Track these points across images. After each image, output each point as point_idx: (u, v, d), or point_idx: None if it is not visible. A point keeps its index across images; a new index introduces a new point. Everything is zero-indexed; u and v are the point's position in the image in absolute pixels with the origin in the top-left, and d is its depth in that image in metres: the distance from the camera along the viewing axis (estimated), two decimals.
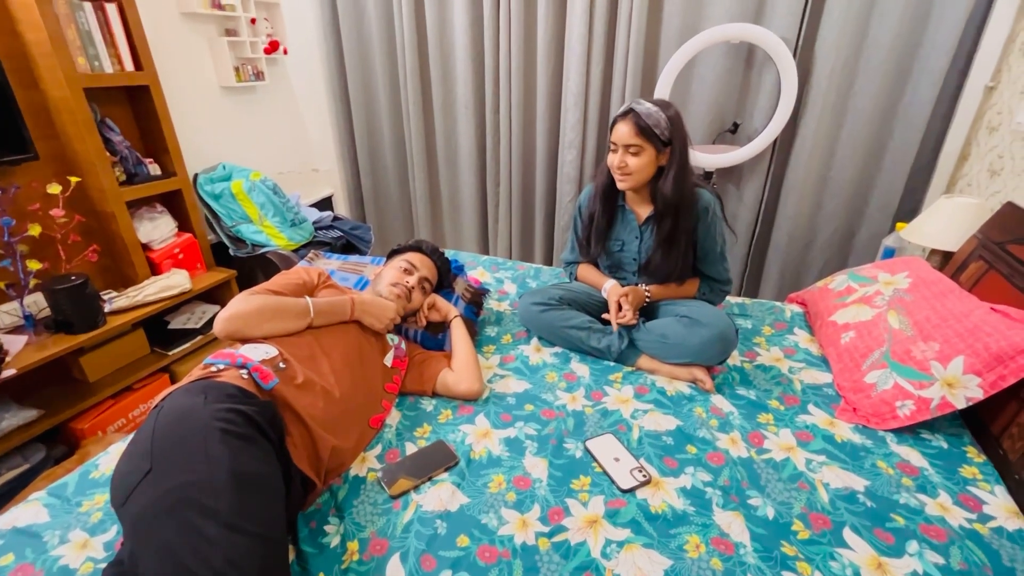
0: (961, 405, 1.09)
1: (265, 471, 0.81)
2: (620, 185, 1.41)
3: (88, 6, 1.69)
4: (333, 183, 3.13)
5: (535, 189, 2.74)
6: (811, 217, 2.34)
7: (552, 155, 2.63)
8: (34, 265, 1.63)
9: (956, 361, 1.10)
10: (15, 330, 1.65)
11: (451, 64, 2.63)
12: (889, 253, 1.98)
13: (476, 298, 1.61)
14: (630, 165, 1.36)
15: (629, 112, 1.34)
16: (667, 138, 1.33)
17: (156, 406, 0.86)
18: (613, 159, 1.39)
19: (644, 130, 1.32)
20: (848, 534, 0.91)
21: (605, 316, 1.47)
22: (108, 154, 1.82)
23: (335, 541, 0.90)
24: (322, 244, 2.47)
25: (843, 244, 2.36)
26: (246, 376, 0.95)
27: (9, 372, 1.49)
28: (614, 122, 1.37)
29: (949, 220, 1.63)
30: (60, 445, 1.67)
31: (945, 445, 1.13)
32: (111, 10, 1.74)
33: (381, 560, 0.86)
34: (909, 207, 2.16)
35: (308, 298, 1.17)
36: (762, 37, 1.98)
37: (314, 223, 2.54)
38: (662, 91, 2.15)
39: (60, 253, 1.72)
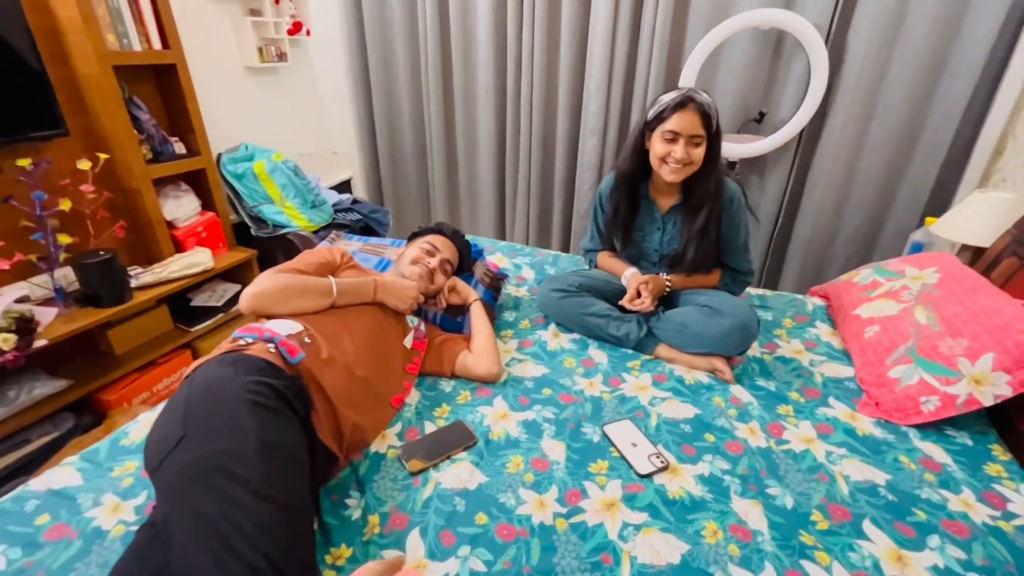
0: (988, 402, 1.07)
1: (292, 442, 0.83)
2: (674, 177, 1.34)
3: None
4: (352, 166, 3.14)
5: (554, 176, 2.72)
6: (836, 210, 2.29)
7: (572, 142, 2.61)
8: (64, 239, 1.67)
9: (985, 358, 1.08)
10: (46, 302, 1.70)
11: (473, 48, 2.61)
12: (917, 248, 1.94)
13: (495, 283, 1.62)
14: (692, 156, 1.30)
15: (690, 101, 1.28)
16: (716, 127, 1.31)
17: (188, 376, 0.88)
18: (669, 149, 1.31)
19: (706, 120, 1.29)
20: (868, 526, 0.91)
21: (623, 301, 1.46)
22: (136, 132, 1.85)
23: (356, 514, 0.92)
24: (341, 226, 2.49)
25: (868, 238, 2.31)
26: (273, 350, 0.96)
27: (41, 343, 1.53)
28: (669, 112, 1.29)
29: (982, 215, 1.58)
30: (87, 415, 1.73)
31: (970, 442, 1.12)
32: None
33: (401, 534, 0.88)
34: (939, 202, 2.11)
35: (331, 278, 1.18)
36: (794, 23, 1.93)
37: (333, 205, 2.56)
38: (688, 78, 2.11)
39: (89, 228, 1.76)
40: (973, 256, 1.63)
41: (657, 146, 1.34)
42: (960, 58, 1.90)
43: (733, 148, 2.17)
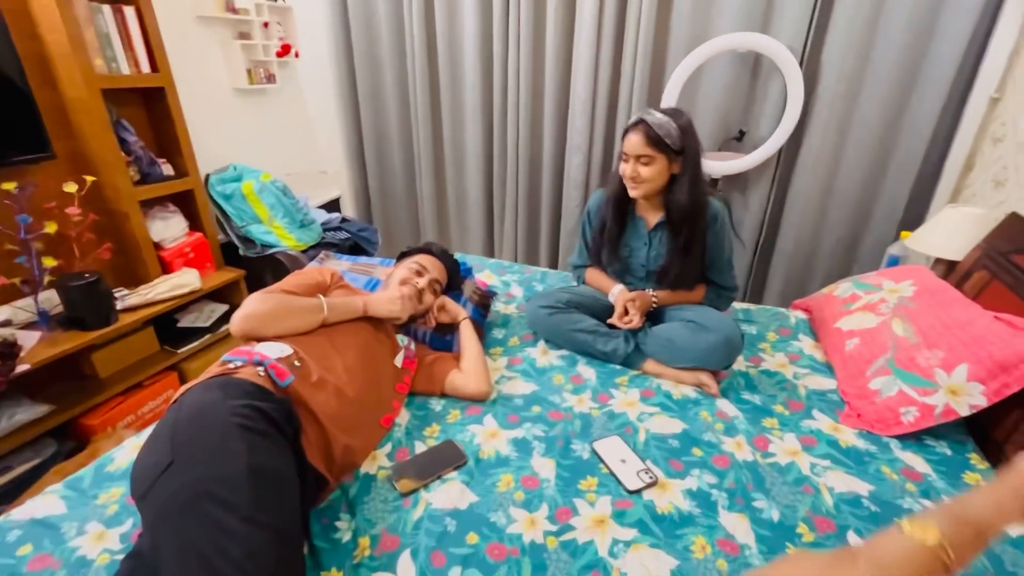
0: (965, 412, 1.10)
1: (281, 466, 0.82)
2: (632, 193, 1.43)
3: (107, 9, 1.72)
4: (341, 185, 3.16)
5: (541, 193, 2.76)
6: (816, 225, 2.36)
7: (559, 159, 2.65)
8: (49, 262, 1.66)
9: (960, 369, 1.12)
10: (29, 326, 1.67)
11: (460, 69, 2.66)
12: (894, 261, 1.99)
13: (484, 300, 1.63)
14: (642, 174, 1.37)
15: (640, 123, 1.35)
16: (679, 147, 1.35)
17: (176, 400, 0.88)
18: (625, 168, 1.40)
19: (655, 140, 1.33)
20: (852, 537, 0.93)
21: (611, 320, 1.48)
22: (123, 154, 1.85)
23: (347, 537, 0.91)
24: (330, 245, 2.49)
25: (847, 252, 2.37)
26: (263, 373, 0.96)
27: (23, 367, 1.51)
28: (625, 132, 1.39)
29: (954, 230, 1.64)
30: (70, 440, 1.69)
31: (949, 452, 1.14)
32: (129, 13, 1.78)
33: (392, 556, 0.88)
34: (914, 216, 2.18)
35: (322, 296, 1.19)
36: (769, 47, 2.00)
37: (322, 224, 2.57)
38: (669, 98, 2.17)
39: (74, 251, 1.75)
40: (947, 269, 1.68)
41: (621, 166, 1.43)
42: (928, 78, 1.98)
43: (715, 165, 2.23)
